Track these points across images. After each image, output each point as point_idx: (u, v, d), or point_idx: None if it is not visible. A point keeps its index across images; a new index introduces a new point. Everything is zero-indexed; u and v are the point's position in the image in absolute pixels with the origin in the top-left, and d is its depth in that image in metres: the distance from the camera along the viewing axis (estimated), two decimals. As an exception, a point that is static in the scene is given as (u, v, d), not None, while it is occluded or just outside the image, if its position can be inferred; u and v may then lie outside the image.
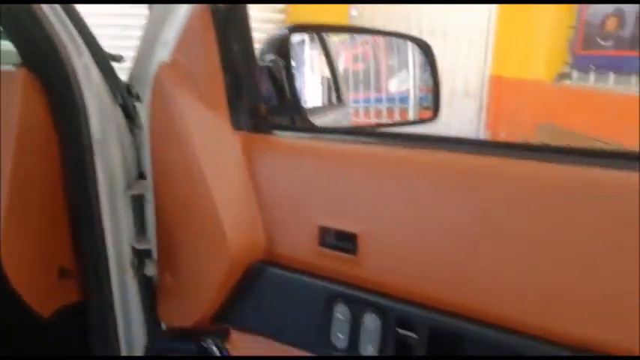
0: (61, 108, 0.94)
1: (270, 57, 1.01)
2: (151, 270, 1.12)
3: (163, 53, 0.95)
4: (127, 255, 1.09)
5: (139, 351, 1.10)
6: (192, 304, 0.90)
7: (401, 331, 0.72)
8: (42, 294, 0.92)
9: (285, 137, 0.88)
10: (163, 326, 1.04)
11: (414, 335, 0.70)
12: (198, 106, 0.89)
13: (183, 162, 0.87)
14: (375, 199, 0.74)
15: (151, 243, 1.07)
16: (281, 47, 1.03)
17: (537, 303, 0.61)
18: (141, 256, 1.13)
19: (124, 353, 1.06)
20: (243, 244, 0.83)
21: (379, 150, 0.78)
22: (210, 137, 0.87)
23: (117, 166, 1.05)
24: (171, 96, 0.89)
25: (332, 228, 0.76)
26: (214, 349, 0.88)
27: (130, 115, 1.14)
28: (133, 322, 1.10)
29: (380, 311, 0.73)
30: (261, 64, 1.01)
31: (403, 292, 0.71)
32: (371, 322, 0.74)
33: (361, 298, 0.75)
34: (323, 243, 0.77)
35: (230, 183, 0.86)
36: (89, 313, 1.04)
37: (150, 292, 1.14)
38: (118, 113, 1.09)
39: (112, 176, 1.04)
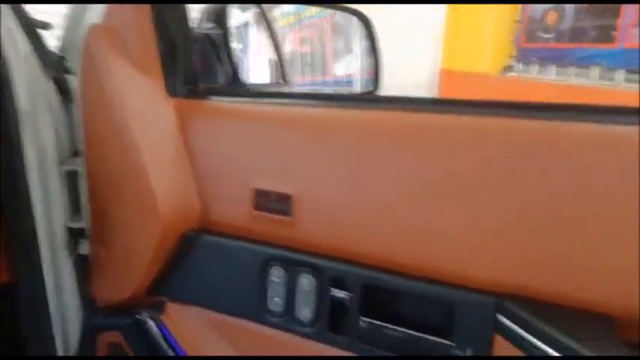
0: None
1: (208, 25, 0.99)
2: (85, 249, 1.08)
3: (94, 17, 0.92)
4: (60, 234, 1.05)
5: (73, 332, 1.06)
6: (126, 277, 0.87)
7: (335, 290, 0.72)
8: None
9: (220, 102, 0.86)
10: (99, 304, 1.01)
11: (347, 294, 0.71)
12: (131, 71, 0.86)
13: (115, 130, 0.84)
14: (309, 160, 0.74)
15: (85, 221, 1.03)
16: (219, 16, 1.01)
17: (466, 253, 0.62)
18: (75, 235, 1.08)
19: (57, 335, 1.01)
20: (177, 212, 0.81)
21: (312, 112, 0.78)
22: (143, 104, 0.85)
23: (48, 141, 1.00)
24: (102, 61, 0.85)
25: (266, 190, 0.75)
26: (150, 321, 0.85)
27: (63, 90, 1.09)
28: (66, 303, 1.06)
29: (315, 271, 0.73)
30: (199, 32, 0.98)
31: (337, 251, 0.71)
32: (306, 283, 0.73)
33: (296, 260, 0.74)
34: (258, 206, 0.76)
35: (163, 151, 0.83)
36: (18, 294, 0.99)
37: (84, 270, 1.10)
38: (50, 87, 1.04)
39: (43, 152, 0.99)
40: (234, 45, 1.09)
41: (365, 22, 1.25)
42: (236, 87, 0.97)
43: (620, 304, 0.54)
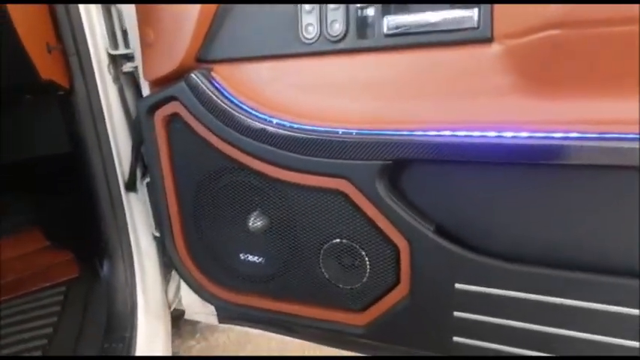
0: None
1: None
2: (128, 67, 1.24)
3: None
4: (104, 59, 1.20)
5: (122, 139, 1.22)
6: (176, 46, 1.01)
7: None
8: (40, 59, 1.03)
9: None
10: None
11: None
12: None
13: None
14: None
15: (125, 48, 1.20)
16: None
17: None
18: (115, 60, 1.24)
19: (108, 127, 1.18)
20: None
21: None
22: None
23: None
24: None
25: None
26: (203, 79, 1.00)
27: None
28: (114, 115, 1.22)
29: None
30: None
31: None
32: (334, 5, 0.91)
33: None
34: None
35: None
36: (74, 99, 1.15)
37: (125, 92, 1.26)
38: None
39: None
40: None
41: None
42: None
43: None
